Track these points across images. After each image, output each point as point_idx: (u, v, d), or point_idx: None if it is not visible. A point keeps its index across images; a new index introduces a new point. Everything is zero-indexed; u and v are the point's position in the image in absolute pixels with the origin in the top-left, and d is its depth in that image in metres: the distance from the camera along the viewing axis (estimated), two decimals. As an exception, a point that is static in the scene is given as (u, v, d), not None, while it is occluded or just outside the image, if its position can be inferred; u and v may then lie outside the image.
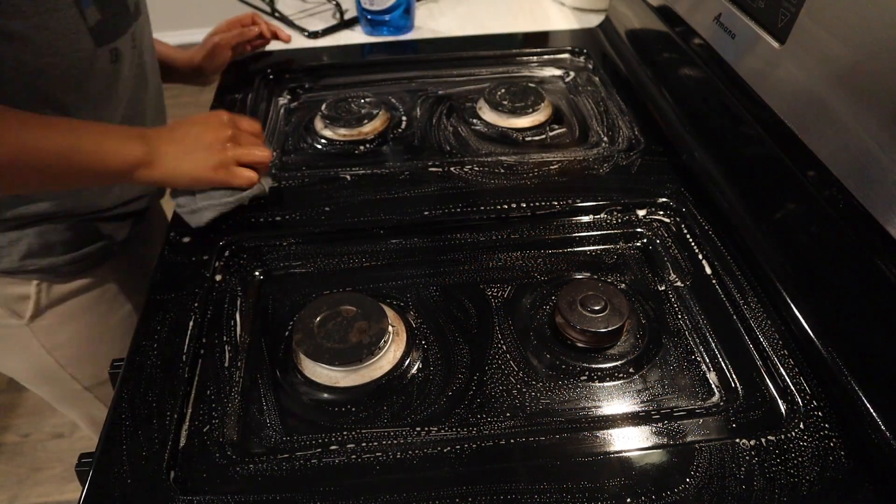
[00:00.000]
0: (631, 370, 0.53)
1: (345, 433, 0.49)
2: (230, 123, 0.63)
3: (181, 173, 0.59)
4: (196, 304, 0.57)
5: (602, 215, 0.67)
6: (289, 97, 0.90)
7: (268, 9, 1.13)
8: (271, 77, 0.92)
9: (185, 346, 0.53)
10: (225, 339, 0.55)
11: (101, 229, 0.73)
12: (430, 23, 1.12)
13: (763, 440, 0.46)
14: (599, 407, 0.50)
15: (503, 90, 0.85)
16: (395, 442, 0.48)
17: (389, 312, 0.55)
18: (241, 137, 0.64)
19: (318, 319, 0.54)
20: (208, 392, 0.51)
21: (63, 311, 0.74)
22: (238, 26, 0.92)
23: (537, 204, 0.67)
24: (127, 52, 0.64)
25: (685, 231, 0.65)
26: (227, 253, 0.63)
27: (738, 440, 0.46)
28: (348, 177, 0.72)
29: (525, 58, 0.97)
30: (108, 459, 0.46)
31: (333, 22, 1.10)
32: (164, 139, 0.59)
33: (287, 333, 0.56)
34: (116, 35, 0.61)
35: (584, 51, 0.97)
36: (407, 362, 0.53)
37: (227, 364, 0.53)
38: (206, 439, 0.48)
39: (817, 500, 0.43)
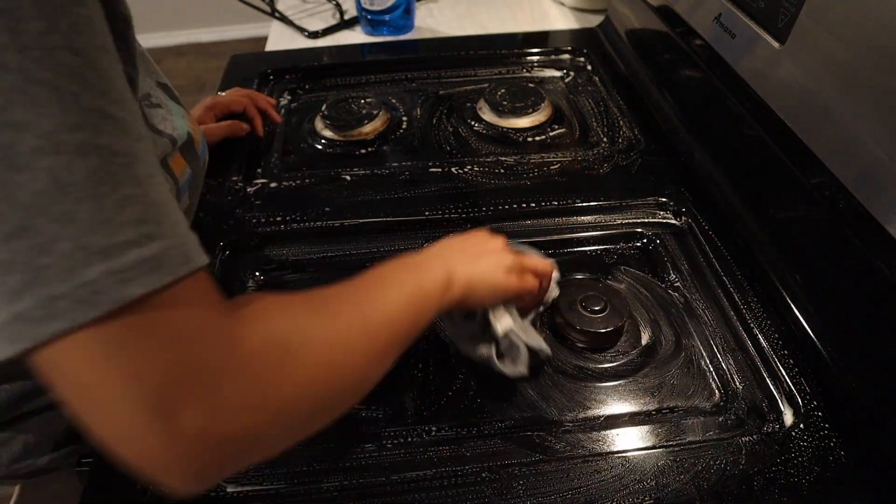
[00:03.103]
0: (631, 370, 0.53)
1: (345, 433, 0.49)
2: (492, 234, 0.52)
3: (477, 281, 0.47)
4: (196, 305, 0.57)
5: (602, 215, 0.67)
6: (289, 97, 0.90)
7: (268, 9, 1.13)
8: (271, 77, 0.93)
9: (186, 347, 0.53)
10: (225, 339, 0.55)
11: None
12: (430, 23, 1.12)
13: (763, 440, 0.46)
14: (599, 407, 0.50)
15: (503, 90, 0.85)
16: (395, 442, 0.48)
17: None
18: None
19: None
20: (208, 392, 0.51)
21: None
22: (226, 109, 0.79)
23: (537, 204, 0.67)
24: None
25: (685, 231, 0.65)
26: (227, 253, 0.63)
27: (738, 440, 0.46)
28: (348, 177, 0.73)
29: (525, 58, 0.97)
30: (109, 459, 0.46)
31: (333, 22, 1.10)
32: (448, 250, 0.48)
33: (287, 333, 0.56)
34: (196, 206, 0.54)
35: (584, 51, 0.97)
36: (407, 362, 0.53)
37: (227, 364, 0.53)
38: (207, 439, 0.48)
39: (817, 500, 0.43)
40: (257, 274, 0.62)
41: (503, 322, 0.49)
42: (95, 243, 0.24)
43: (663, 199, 0.68)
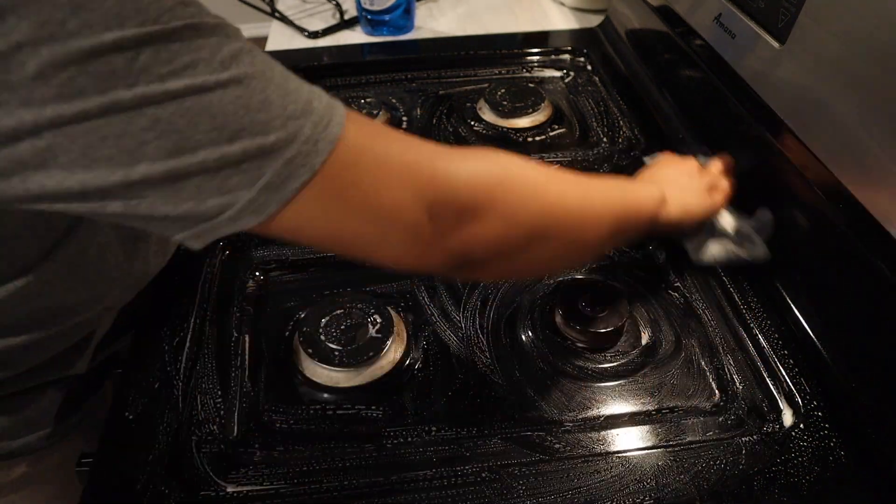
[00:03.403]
0: (631, 370, 0.53)
1: (344, 433, 0.49)
2: (679, 157, 0.62)
3: (688, 204, 0.54)
4: (196, 305, 0.57)
5: (602, 215, 0.67)
6: (289, 97, 0.90)
7: (268, 9, 1.13)
8: (271, 77, 0.92)
9: (186, 347, 0.53)
10: (225, 339, 0.55)
11: (87, 389, 0.57)
12: (430, 23, 1.12)
13: (763, 440, 0.46)
14: (599, 407, 0.50)
15: (503, 90, 0.85)
16: (395, 442, 0.48)
17: (390, 313, 0.55)
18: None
19: (322, 321, 0.54)
20: (208, 392, 0.51)
21: (11, 500, 0.57)
22: None
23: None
24: None
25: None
26: (227, 253, 0.63)
27: (738, 440, 0.46)
28: (348, 177, 0.72)
29: (525, 58, 0.97)
30: (108, 459, 0.46)
31: (333, 22, 1.10)
32: (660, 182, 0.55)
33: (287, 334, 0.56)
34: None
35: (584, 51, 0.97)
36: (407, 362, 0.53)
37: (227, 365, 0.53)
38: (206, 439, 0.48)
39: (817, 500, 0.43)
40: (257, 274, 0.62)
41: (728, 222, 0.57)
42: (295, 110, 0.30)
43: (663, 199, 0.68)
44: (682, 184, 0.56)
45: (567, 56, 0.98)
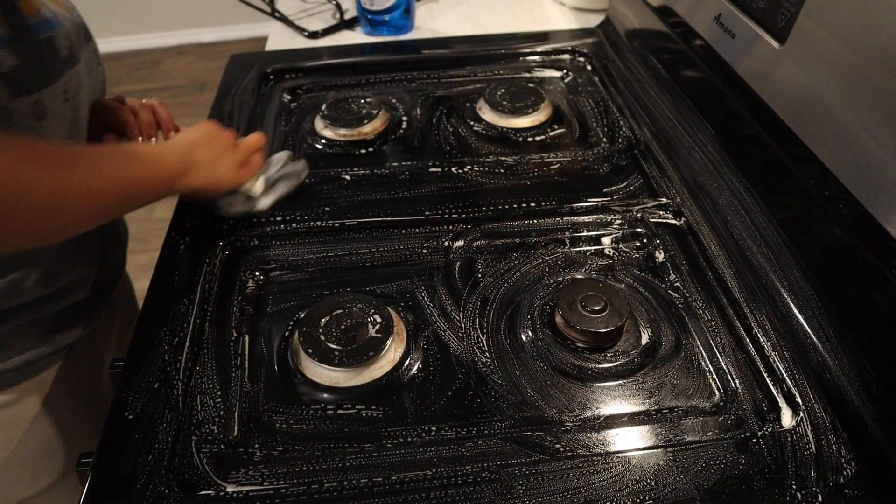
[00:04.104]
0: (631, 370, 0.53)
1: (344, 433, 0.49)
2: (221, 129, 0.64)
3: (216, 176, 0.60)
4: (195, 305, 0.57)
5: (602, 215, 0.67)
6: (289, 97, 0.90)
7: (268, 9, 1.13)
8: (271, 77, 0.93)
9: (186, 347, 0.53)
10: (224, 339, 0.55)
11: (46, 328, 0.60)
12: (430, 23, 1.12)
13: (763, 440, 0.46)
14: (599, 407, 0.50)
15: (503, 90, 0.85)
16: (395, 442, 0.48)
17: (390, 313, 0.55)
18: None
19: (322, 321, 0.54)
20: (208, 392, 0.51)
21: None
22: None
23: (537, 204, 0.67)
24: (56, 106, 0.52)
25: (685, 231, 0.65)
26: (227, 253, 0.63)
27: (738, 440, 0.46)
28: (348, 177, 0.73)
29: (525, 58, 0.97)
30: (108, 459, 0.46)
31: (333, 22, 1.10)
32: (189, 146, 0.58)
33: (287, 334, 0.56)
34: (42, 85, 0.50)
35: (584, 51, 0.97)
36: (407, 362, 0.53)
37: (227, 365, 0.53)
38: (206, 439, 0.48)
39: (817, 501, 0.43)
40: (257, 274, 0.62)
41: (255, 186, 0.66)
42: None
43: (663, 200, 0.68)
44: (215, 156, 0.60)
45: (567, 56, 0.98)
